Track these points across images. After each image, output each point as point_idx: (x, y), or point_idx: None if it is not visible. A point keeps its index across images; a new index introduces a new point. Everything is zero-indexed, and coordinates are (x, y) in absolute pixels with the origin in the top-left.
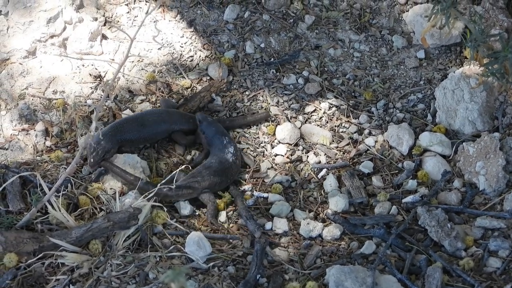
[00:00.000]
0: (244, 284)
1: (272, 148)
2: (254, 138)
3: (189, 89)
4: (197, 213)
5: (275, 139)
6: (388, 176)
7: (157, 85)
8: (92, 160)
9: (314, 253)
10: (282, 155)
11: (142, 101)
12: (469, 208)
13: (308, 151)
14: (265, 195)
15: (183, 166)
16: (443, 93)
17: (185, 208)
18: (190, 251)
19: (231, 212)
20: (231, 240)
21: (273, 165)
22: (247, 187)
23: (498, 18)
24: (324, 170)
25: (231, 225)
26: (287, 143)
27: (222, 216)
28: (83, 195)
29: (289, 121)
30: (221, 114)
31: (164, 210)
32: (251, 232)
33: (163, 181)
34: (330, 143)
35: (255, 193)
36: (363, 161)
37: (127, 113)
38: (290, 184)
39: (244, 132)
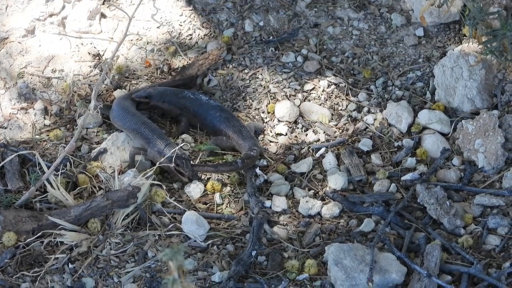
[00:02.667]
0: (237, 262)
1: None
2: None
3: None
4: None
5: (275, 117)
6: (387, 154)
7: (156, 63)
8: (188, 169)
9: (313, 231)
10: (284, 135)
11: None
12: (468, 186)
13: (307, 129)
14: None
15: (182, 144)
16: (442, 70)
17: (196, 190)
18: (190, 231)
19: (230, 192)
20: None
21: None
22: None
23: None
24: (323, 149)
25: (230, 204)
26: (286, 121)
27: (217, 197)
28: (82, 174)
29: (288, 99)
30: (217, 95)
31: (163, 188)
32: (251, 209)
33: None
34: (329, 121)
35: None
36: (362, 139)
37: (118, 92)
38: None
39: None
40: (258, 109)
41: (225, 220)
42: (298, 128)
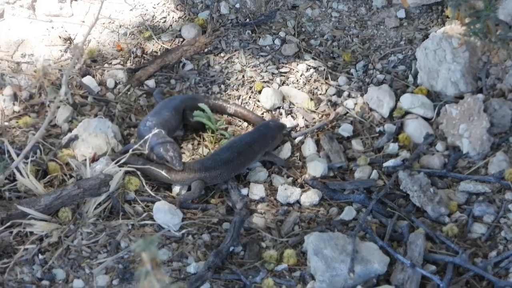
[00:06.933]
0: (215, 253)
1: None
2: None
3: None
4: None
5: (256, 100)
6: (368, 140)
7: (129, 47)
8: (179, 161)
9: (292, 219)
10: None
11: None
12: (452, 172)
13: (287, 114)
14: None
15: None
16: (425, 53)
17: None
18: (164, 220)
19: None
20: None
21: None
22: None
23: None
24: (303, 136)
25: (207, 192)
26: (270, 109)
27: None
28: (52, 162)
29: (268, 86)
30: (192, 80)
31: (137, 176)
32: (233, 202)
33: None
34: (308, 106)
35: None
36: (342, 124)
37: (87, 79)
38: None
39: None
40: (235, 94)
41: (201, 209)
42: (276, 112)
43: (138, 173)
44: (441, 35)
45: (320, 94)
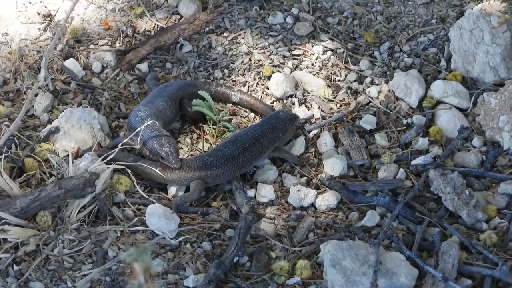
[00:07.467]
0: (217, 264)
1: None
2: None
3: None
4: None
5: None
6: (394, 133)
7: (118, 25)
8: (176, 158)
9: (305, 226)
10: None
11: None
12: (491, 172)
13: (300, 104)
14: None
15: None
16: (459, 34)
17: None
18: (158, 226)
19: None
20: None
21: None
22: None
23: None
24: (318, 129)
25: (208, 193)
26: (281, 97)
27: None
28: (29, 158)
29: (279, 70)
30: (191, 63)
31: (127, 174)
32: (238, 205)
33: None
34: (325, 94)
35: None
36: (365, 116)
37: (70, 63)
38: None
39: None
40: (241, 80)
41: (201, 213)
42: (287, 101)
43: (129, 171)
44: (478, 13)
45: (339, 80)
